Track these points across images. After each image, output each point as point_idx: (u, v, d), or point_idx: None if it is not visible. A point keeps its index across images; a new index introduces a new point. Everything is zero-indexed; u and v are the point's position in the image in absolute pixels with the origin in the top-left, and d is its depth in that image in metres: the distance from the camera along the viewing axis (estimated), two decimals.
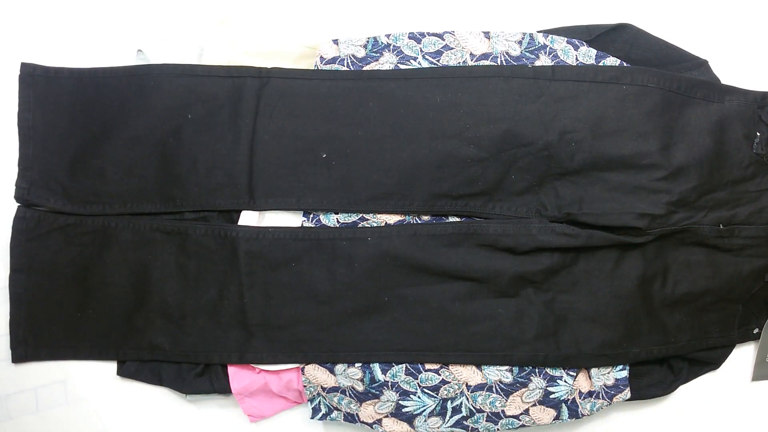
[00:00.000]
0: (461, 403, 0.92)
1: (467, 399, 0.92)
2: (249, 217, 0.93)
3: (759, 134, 0.95)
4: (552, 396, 0.92)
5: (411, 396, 0.92)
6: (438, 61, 0.93)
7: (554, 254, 0.91)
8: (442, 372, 0.92)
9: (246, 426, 1.00)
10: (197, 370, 0.95)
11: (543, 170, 0.91)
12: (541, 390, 0.92)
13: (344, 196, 0.92)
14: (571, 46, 0.94)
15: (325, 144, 0.91)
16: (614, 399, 0.94)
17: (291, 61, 0.97)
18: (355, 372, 0.92)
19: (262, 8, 1.01)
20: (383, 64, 0.93)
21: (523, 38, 0.94)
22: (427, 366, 0.92)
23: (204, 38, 0.97)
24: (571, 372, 0.93)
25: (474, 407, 0.92)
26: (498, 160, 0.90)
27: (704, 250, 0.95)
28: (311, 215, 0.94)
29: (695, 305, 0.96)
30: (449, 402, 0.92)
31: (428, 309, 0.92)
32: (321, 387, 0.93)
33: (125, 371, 0.97)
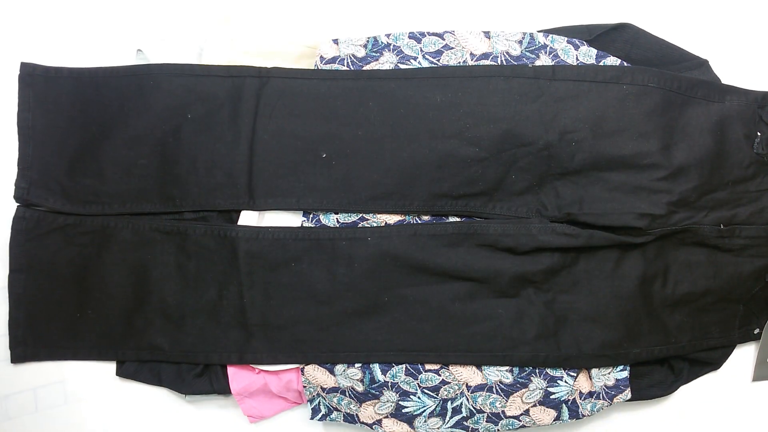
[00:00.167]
0: (461, 404, 0.92)
1: (467, 399, 0.92)
2: (249, 217, 0.93)
3: (759, 134, 0.95)
4: (552, 396, 0.92)
5: (411, 396, 0.92)
6: (438, 61, 0.93)
7: (554, 254, 0.91)
8: (442, 372, 0.92)
9: (245, 426, 1.00)
10: (197, 371, 0.95)
11: (543, 170, 0.91)
12: (542, 390, 0.92)
13: (344, 196, 0.91)
14: (572, 46, 0.94)
15: (325, 144, 0.91)
16: (615, 399, 0.94)
17: (291, 61, 0.97)
18: (355, 372, 0.92)
19: (262, 8, 1.01)
20: (383, 64, 0.92)
21: (524, 38, 0.94)
22: (427, 366, 0.92)
23: (204, 38, 0.97)
24: (572, 372, 0.93)
25: (474, 408, 0.92)
26: (498, 160, 0.90)
27: (705, 250, 0.95)
28: (311, 215, 0.93)
29: (696, 305, 0.96)
30: (449, 402, 0.92)
31: (428, 309, 0.92)
32: (321, 387, 0.93)
33: (124, 371, 0.96)
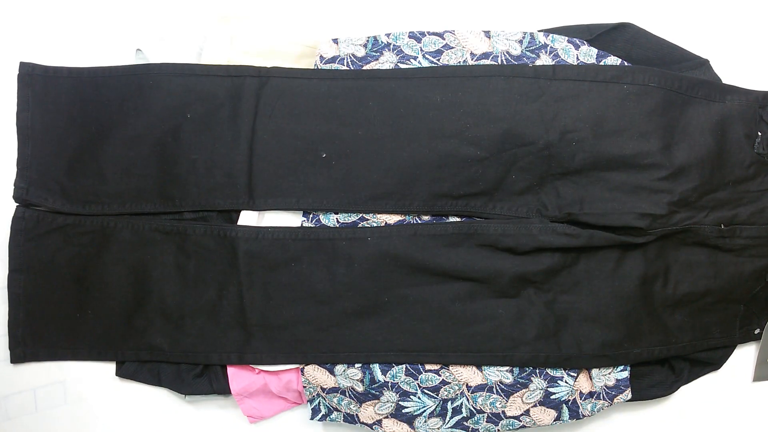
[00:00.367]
0: (461, 404, 0.92)
1: (467, 400, 0.92)
2: (248, 217, 0.93)
3: (760, 134, 0.95)
4: (553, 397, 0.92)
5: (411, 397, 0.91)
6: (438, 61, 0.92)
7: (555, 254, 0.91)
8: (443, 372, 0.92)
9: (245, 427, 1.00)
10: (196, 371, 0.95)
11: (544, 170, 0.91)
12: (542, 391, 0.92)
13: (344, 196, 0.91)
14: (572, 46, 0.94)
15: (325, 144, 0.91)
16: (615, 400, 0.93)
17: (291, 61, 0.96)
18: (355, 372, 0.92)
19: (262, 8, 1.01)
20: (383, 64, 0.92)
21: (524, 37, 0.94)
22: (428, 366, 0.92)
23: (203, 38, 0.97)
24: (572, 372, 0.92)
25: (474, 408, 0.92)
26: (498, 160, 0.90)
27: (705, 251, 0.95)
28: (311, 215, 0.93)
29: (696, 305, 0.96)
30: (449, 403, 0.92)
31: (428, 309, 0.92)
32: (321, 388, 0.93)
33: (124, 372, 0.96)
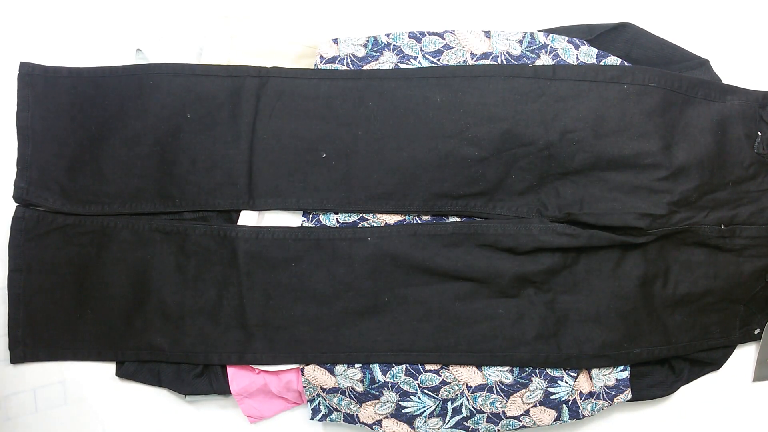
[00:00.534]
0: (461, 404, 0.92)
1: (467, 400, 0.92)
2: (248, 217, 0.93)
3: (760, 134, 0.95)
4: (553, 397, 0.92)
5: (411, 397, 0.91)
6: (438, 61, 0.92)
7: (555, 254, 0.91)
8: (443, 373, 0.92)
9: (245, 427, 1.00)
10: (196, 371, 0.95)
11: (544, 170, 0.91)
12: (542, 391, 0.92)
13: (344, 196, 0.91)
14: (572, 46, 0.94)
15: (325, 144, 0.91)
16: (615, 400, 0.93)
17: (291, 61, 0.96)
18: (355, 373, 0.92)
19: (262, 8, 1.01)
20: (383, 64, 0.92)
21: (524, 37, 0.94)
22: (428, 367, 0.92)
23: (203, 38, 0.97)
24: (572, 373, 0.92)
25: (474, 408, 0.92)
26: (499, 160, 0.90)
27: (705, 251, 0.95)
28: (311, 215, 0.93)
29: (696, 305, 0.96)
30: (449, 403, 0.92)
31: (428, 309, 0.92)
32: (321, 388, 0.93)
33: (124, 372, 0.96)
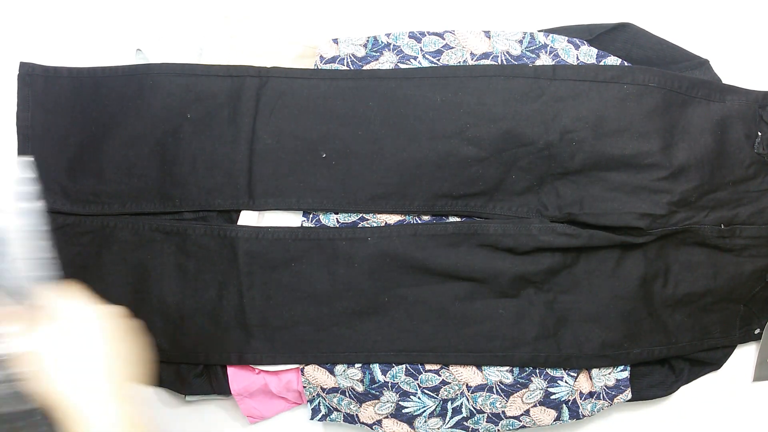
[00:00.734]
0: (461, 404, 0.92)
1: (467, 400, 0.92)
2: (248, 217, 0.93)
3: (760, 134, 0.95)
4: (553, 397, 0.92)
5: (411, 397, 0.91)
6: (438, 61, 0.92)
7: (555, 254, 0.91)
8: (443, 373, 0.92)
9: (245, 427, 1.00)
10: (196, 371, 0.95)
11: (544, 170, 0.91)
12: (542, 391, 0.92)
13: (344, 196, 0.91)
14: (572, 46, 0.94)
15: (325, 144, 0.91)
16: (615, 400, 0.93)
17: (291, 61, 0.96)
18: (355, 373, 0.91)
19: (262, 7, 1.01)
20: (383, 64, 0.92)
21: (524, 37, 0.94)
22: (428, 366, 0.92)
23: (203, 38, 0.97)
24: (572, 373, 0.92)
25: (474, 408, 0.92)
26: (498, 160, 0.90)
27: (705, 251, 0.95)
28: (311, 215, 0.93)
29: (696, 305, 0.96)
30: (449, 403, 0.92)
31: (428, 309, 0.92)
32: (321, 388, 0.93)
33: None
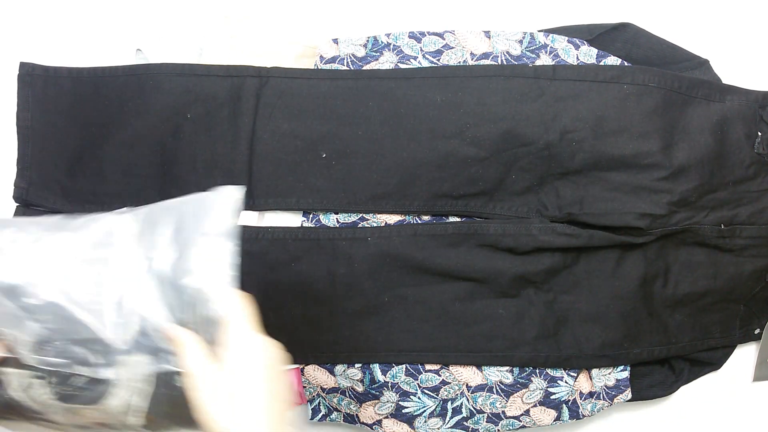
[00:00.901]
0: (461, 404, 0.92)
1: (467, 400, 0.92)
2: (248, 217, 0.93)
3: (760, 134, 0.95)
4: (553, 397, 0.92)
5: (411, 397, 0.91)
6: (438, 61, 0.92)
7: (555, 254, 0.91)
8: (443, 373, 0.92)
9: None
10: None
11: (544, 170, 0.91)
12: (542, 391, 0.92)
13: (344, 196, 0.91)
14: (572, 46, 0.94)
15: (325, 144, 0.91)
16: (615, 400, 0.93)
17: (291, 61, 0.96)
18: (355, 373, 0.91)
19: (262, 7, 1.01)
20: (383, 64, 0.92)
21: (524, 37, 0.94)
22: (428, 367, 0.92)
23: (203, 38, 0.97)
24: (572, 373, 0.92)
25: (474, 408, 0.92)
26: (498, 160, 0.90)
27: (705, 251, 0.95)
28: (311, 215, 0.93)
29: (696, 305, 0.96)
30: (449, 403, 0.92)
31: (428, 309, 0.92)
32: (321, 388, 0.93)
33: None
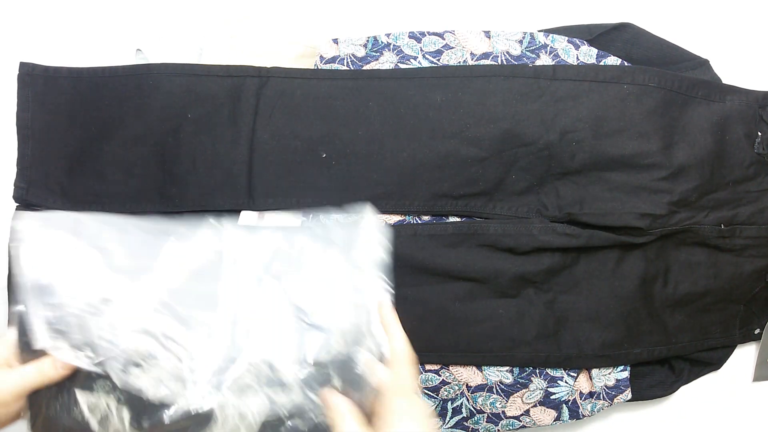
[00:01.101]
0: (461, 404, 0.92)
1: (467, 400, 0.92)
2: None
3: (760, 134, 0.95)
4: (553, 397, 0.92)
5: None
6: (438, 61, 0.92)
7: (555, 254, 0.91)
8: (443, 373, 0.92)
9: None
10: None
11: (544, 170, 0.91)
12: (542, 391, 0.92)
13: (344, 196, 0.91)
14: (572, 46, 0.94)
15: (325, 144, 0.91)
16: (615, 400, 0.93)
17: (291, 61, 0.96)
18: None
19: (262, 8, 1.01)
20: (383, 64, 0.92)
21: (524, 37, 0.94)
22: (427, 367, 0.92)
23: (203, 38, 0.97)
24: (572, 373, 0.92)
25: (474, 408, 0.92)
26: (499, 160, 0.90)
27: (705, 251, 0.95)
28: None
29: (696, 305, 0.96)
30: (449, 403, 0.92)
31: (428, 309, 0.91)
32: None
33: None
